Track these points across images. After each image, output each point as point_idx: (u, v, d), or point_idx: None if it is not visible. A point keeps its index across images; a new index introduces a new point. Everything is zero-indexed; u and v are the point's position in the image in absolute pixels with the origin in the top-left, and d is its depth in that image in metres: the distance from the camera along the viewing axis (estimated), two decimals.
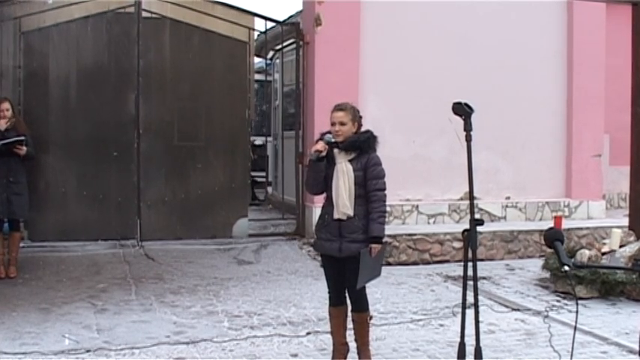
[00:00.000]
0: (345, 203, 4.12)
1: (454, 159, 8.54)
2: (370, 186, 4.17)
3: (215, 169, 8.62)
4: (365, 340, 4.34)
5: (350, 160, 4.18)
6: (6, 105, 6.79)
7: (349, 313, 4.36)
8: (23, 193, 6.81)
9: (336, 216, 4.15)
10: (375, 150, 4.26)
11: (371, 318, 4.40)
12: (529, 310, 5.88)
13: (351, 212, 4.13)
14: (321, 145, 4.11)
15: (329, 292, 4.37)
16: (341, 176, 4.14)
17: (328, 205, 4.24)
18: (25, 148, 6.70)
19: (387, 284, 6.66)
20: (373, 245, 4.13)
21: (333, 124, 4.21)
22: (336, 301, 4.34)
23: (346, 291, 4.30)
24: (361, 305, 4.30)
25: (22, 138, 6.70)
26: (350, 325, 4.38)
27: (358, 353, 4.36)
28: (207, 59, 8.59)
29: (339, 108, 4.27)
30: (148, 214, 8.30)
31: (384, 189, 4.21)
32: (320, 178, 4.19)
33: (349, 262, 4.16)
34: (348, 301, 4.34)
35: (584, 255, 6.41)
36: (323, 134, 4.26)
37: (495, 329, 5.32)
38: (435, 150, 8.99)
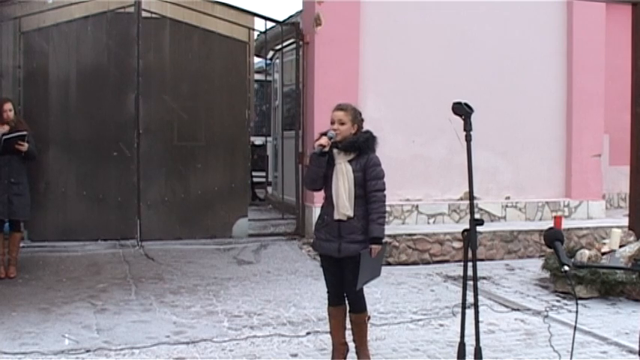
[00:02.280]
0: (344, 204, 4.12)
1: (454, 159, 8.55)
2: (370, 187, 4.17)
3: (215, 169, 8.62)
4: (363, 340, 4.34)
5: (349, 161, 4.18)
6: (8, 105, 6.79)
7: (348, 314, 4.37)
8: (24, 193, 6.81)
9: (336, 217, 4.15)
10: (374, 151, 4.26)
11: (369, 318, 4.40)
12: (529, 310, 5.88)
13: (350, 213, 4.13)
14: (324, 140, 4.12)
15: (328, 292, 4.37)
16: (340, 177, 4.14)
17: (327, 206, 4.24)
18: (26, 144, 6.70)
19: (386, 284, 6.66)
20: (373, 246, 4.13)
21: (332, 122, 4.22)
22: (335, 301, 4.34)
23: (342, 290, 4.30)
24: (359, 306, 4.30)
25: (25, 133, 6.71)
26: (349, 325, 4.38)
27: (357, 353, 4.36)
28: (207, 59, 8.59)
29: (339, 107, 4.28)
30: (147, 214, 8.29)
31: (384, 189, 4.21)
32: (320, 173, 4.18)
33: (348, 262, 4.16)
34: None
35: (583, 255, 6.42)
36: (321, 133, 4.27)
37: (495, 329, 5.32)
38: (435, 150, 8.98)
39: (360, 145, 4.19)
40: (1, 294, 6.12)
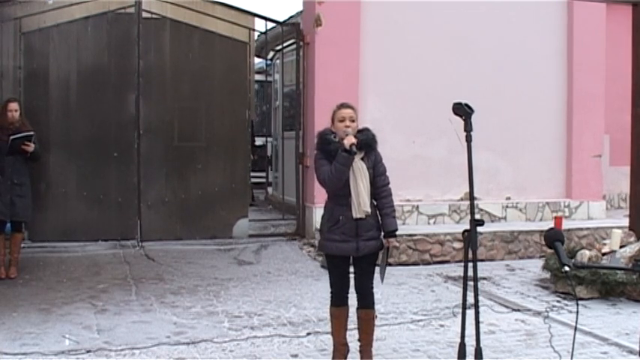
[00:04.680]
0: (365, 202, 4.13)
1: (454, 159, 8.54)
2: (380, 182, 4.23)
3: (215, 169, 8.63)
4: (370, 339, 4.34)
5: (361, 158, 4.20)
6: (14, 105, 6.79)
7: (349, 314, 4.36)
8: (26, 194, 6.80)
9: (356, 215, 4.13)
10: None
11: (375, 317, 4.41)
12: (529, 310, 5.88)
13: (370, 210, 4.15)
14: (354, 139, 4.09)
15: (332, 293, 4.35)
16: (358, 175, 4.14)
17: (340, 205, 4.17)
18: (33, 144, 6.72)
19: (387, 284, 6.63)
20: (391, 239, 4.21)
21: (342, 120, 4.20)
22: (339, 302, 4.33)
23: (348, 291, 4.30)
24: (369, 302, 4.31)
25: (31, 134, 6.72)
26: (350, 325, 4.38)
27: (360, 352, 4.35)
28: (208, 60, 8.59)
29: (348, 105, 4.29)
30: (148, 215, 8.30)
31: (390, 183, 4.30)
32: (347, 172, 4.13)
33: (364, 260, 4.20)
34: (349, 302, 4.34)
35: (584, 255, 6.41)
36: (321, 133, 4.26)
37: (496, 330, 5.32)
38: (436, 150, 8.98)
39: (370, 142, 4.24)
40: (1, 294, 6.12)
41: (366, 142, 4.21)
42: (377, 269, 4.29)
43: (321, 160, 4.20)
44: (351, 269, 4.30)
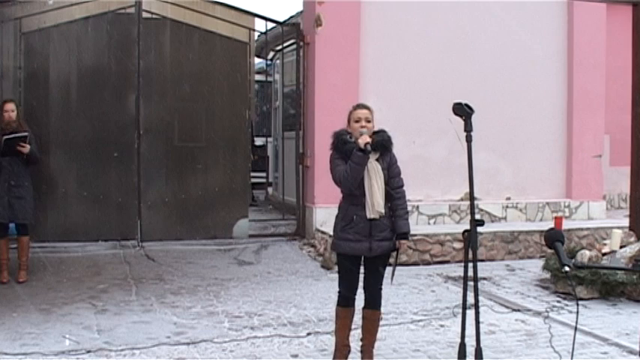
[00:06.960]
0: (379, 202, 4.14)
1: (454, 159, 8.54)
2: (394, 183, 4.25)
3: (215, 169, 8.63)
4: (373, 339, 4.36)
5: (377, 159, 4.20)
6: (10, 106, 6.69)
7: (363, 311, 4.36)
8: (26, 196, 6.67)
9: (370, 216, 4.14)
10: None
11: (381, 318, 4.42)
12: (529, 310, 5.88)
13: (383, 211, 4.16)
14: (368, 138, 4.11)
15: (339, 292, 4.33)
16: (373, 175, 4.15)
17: (354, 205, 4.18)
18: (28, 145, 6.59)
19: (387, 285, 6.64)
20: (403, 241, 4.25)
21: (357, 120, 4.21)
22: (346, 302, 4.32)
23: (356, 292, 4.30)
24: (377, 302, 4.33)
25: (26, 134, 6.60)
26: (352, 326, 4.38)
27: (362, 352, 4.36)
28: (208, 60, 8.59)
29: (364, 106, 4.31)
30: (148, 215, 8.30)
31: (404, 185, 4.32)
32: (363, 171, 4.14)
33: (377, 260, 4.22)
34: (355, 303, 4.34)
35: (584, 255, 6.41)
36: (337, 133, 4.25)
37: (496, 330, 5.32)
38: (436, 150, 8.98)
39: (385, 143, 4.25)
40: (1, 294, 6.13)
41: (381, 143, 4.21)
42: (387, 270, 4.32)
43: (337, 160, 4.21)
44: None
